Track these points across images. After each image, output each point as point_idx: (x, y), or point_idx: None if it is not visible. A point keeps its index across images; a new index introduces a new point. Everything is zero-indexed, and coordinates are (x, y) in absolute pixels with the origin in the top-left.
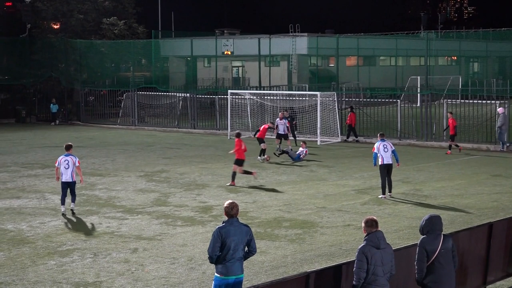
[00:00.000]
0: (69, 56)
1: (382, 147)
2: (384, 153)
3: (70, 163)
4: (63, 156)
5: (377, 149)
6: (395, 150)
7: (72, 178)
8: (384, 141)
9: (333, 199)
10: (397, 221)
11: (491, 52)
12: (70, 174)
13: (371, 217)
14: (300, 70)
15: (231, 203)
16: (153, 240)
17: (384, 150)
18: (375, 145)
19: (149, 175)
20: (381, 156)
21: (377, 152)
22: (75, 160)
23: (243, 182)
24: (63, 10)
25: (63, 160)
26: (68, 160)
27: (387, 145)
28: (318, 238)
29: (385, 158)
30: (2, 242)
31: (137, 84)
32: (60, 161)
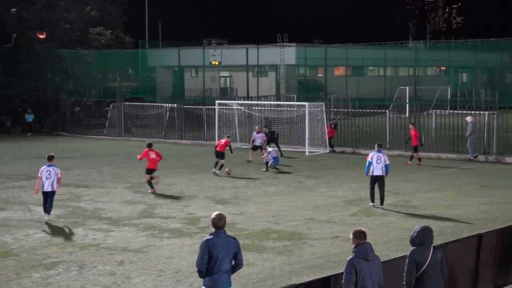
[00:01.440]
0: (55, 66)
1: (376, 158)
2: (376, 164)
3: (52, 174)
4: (45, 166)
5: (371, 158)
6: (389, 164)
7: (52, 188)
8: (380, 153)
9: (321, 210)
10: (386, 233)
11: (480, 62)
12: (51, 184)
13: (360, 229)
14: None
15: (218, 214)
16: (140, 252)
17: (377, 161)
18: (369, 154)
19: (135, 186)
20: (372, 166)
21: (370, 161)
22: (57, 171)
23: (231, 193)
24: (49, 20)
25: (45, 170)
26: (50, 171)
27: (381, 157)
28: (307, 249)
29: (375, 170)
30: None
31: (123, 94)
32: (42, 171)
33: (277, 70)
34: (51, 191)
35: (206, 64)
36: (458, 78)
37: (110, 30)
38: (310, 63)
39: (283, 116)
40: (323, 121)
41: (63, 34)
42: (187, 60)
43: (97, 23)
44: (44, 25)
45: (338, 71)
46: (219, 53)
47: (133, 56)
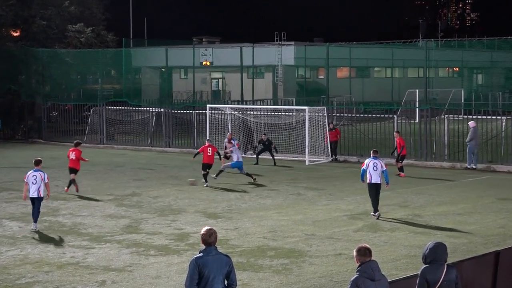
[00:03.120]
0: (30, 66)
1: (372, 165)
2: (373, 171)
3: (38, 179)
4: (32, 171)
5: (366, 166)
6: (387, 170)
7: (38, 194)
8: (376, 159)
9: (323, 225)
10: (393, 250)
11: (497, 62)
12: (37, 190)
13: (364, 245)
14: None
15: (208, 229)
16: (123, 271)
17: (374, 168)
18: (365, 161)
19: (118, 199)
20: (369, 174)
21: (365, 168)
22: (44, 176)
23: (224, 206)
24: (24, 16)
25: (31, 175)
26: (36, 176)
27: (377, 164)
28: (307, 268)
29: (373, 177)
30: None
31: (105, 97)
32: (28, 176)
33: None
34: (37, 197)
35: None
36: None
37: (91, 27)
38: (310, 63)
39: (281, 122)
40: (324, 127)
41: (39, 32)
42: (176, 60)
43: (76, 20)
44: (18, 22)
45: (341, 72)
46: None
47: (116, 55)
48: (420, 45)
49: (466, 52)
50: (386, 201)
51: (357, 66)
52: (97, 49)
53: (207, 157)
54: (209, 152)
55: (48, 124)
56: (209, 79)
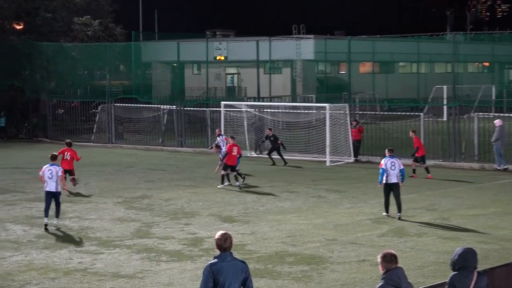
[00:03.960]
0: (35, 61)
1: (390, 164)
2: (391, 171)
3: (54, 173)
4: (48, 165)
5: (384, 165)
6: (404, 169)
7: (56, 188)
8: (393, 158)
9: (345, 230)
10: (420, 256)
11: None
12: (55, 185)
13: (390, 251)
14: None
15: (223, 234)
16: (134, 278)
17: (392, 167)
18: (382, 161)
19: (128, 201)
20: (386, 173)
21: (384, 168)
22: (58, 170)
23: (240, 209)
24: (27, 8)
25: (47, 169)
26: (52, 170)
27: (395, 162)
28: (328, 276)
29: (390, 177)
30: None
31: (114, 94)
32: (44, 171)
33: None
34: (55, 191)
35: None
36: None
37: (98, 20)
38: (331, 58)
39: (300, 120)
40: (346, 125)
41: (43, 25)
42: (188, 54)
43: (83, 12)
44: (21, 14)
45: (364, 67)
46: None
47: (125, 50)
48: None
49: (497, 45)
50: (412, 204)
51: (381, 61)
52: (105, 43)
53: (232, 158)
54: (234, 152)
55: (54, 122)
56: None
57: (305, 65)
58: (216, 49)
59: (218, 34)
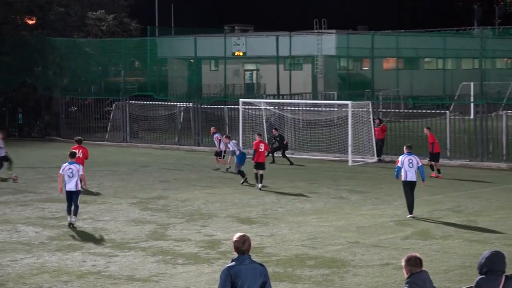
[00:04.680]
0: (47, 57)
1: (407, 161)
2: (409, 168)
3: (74, 172)
4: (67, 164)
5: (401, 163)
6: (422, 166)
7: (76, 187)
8: (411, 155)
9: (368, 232)
10: (446, 260)
11: None
12: (74, 184)
13: (414, 255)
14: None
15: (241, 236)
16: (149, 281)
17: (409, 165)
18: (399, 158)
19: (143, 202)
20: (404, 171)
21: (400, 166)
22: (79, 168)
23: (258, 210)
24: (40, 2)
25: (67, 168)
26: (72, 169)
27: (413, 160)
28: (350, 279)
29: (409, 174)
30: None
31: (129, 91)
32: (64, 169)
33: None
34: (75, 190)
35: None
36: None
37: (112, 15)
38: (353, 53)
39: (321, 118)
40: (369, 124)
41: (56, 20)
42: (206, 50)
43: (97, 6)
44: (33, 9)
45: (388, 63)
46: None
47: (140, 45)
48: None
49: None
50: (438, 205)
51: (405, 57)
52: (119, 38)
53: (260, 155)
54: (260, 149)
55: (67, 120)
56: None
57: (327, 61)
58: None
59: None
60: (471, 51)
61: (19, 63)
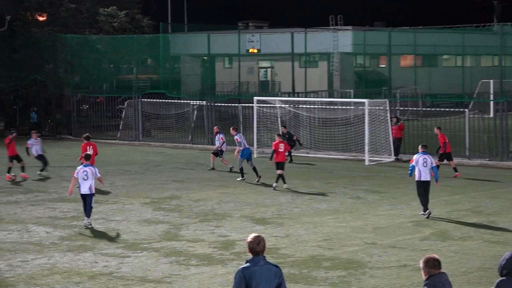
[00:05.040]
0: (58, 54)
1: (422, 161)
2: (423, 168)
3: (89, 174)
4: (82, 166)
5: (415, 162)
6: (436, 167)
7: (90, 190)
8: (426, 154)
9: (385, 233)
10: (465, 261)
11: None
12: (88, 187)
13: (433, 256)
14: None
15: (256, 237)
16: (161, 283)
17: (424, 164)
18: (414, 157)
19: (156, 202)
20: (418, 170)
21: (414, 164)
22: (95, 171)
23: (273, 211)
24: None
25: (81, 171)
26: (87, 171)
27: (427, 159)
28: (367, 281)
29: (423, 174)
30: None
31: (141, 89)
32: (78, 172)
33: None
34: (88, 193)
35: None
36: None
37: (124, 11)
38: (370, 50)
39: (337, 117)
40: (386, 122)
41: (67, 16)
42: (219, 47)
43: (108, 3)
44: (44, 5)
45: (405, 60)
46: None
47: (152, 42)
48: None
49: None
50: (457, 206)
51: (423, 54)
52: (131, 35)
53: (280, 155)
54: (280, 148)
55: (78, 119)
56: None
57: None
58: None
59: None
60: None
61: (29, 61)
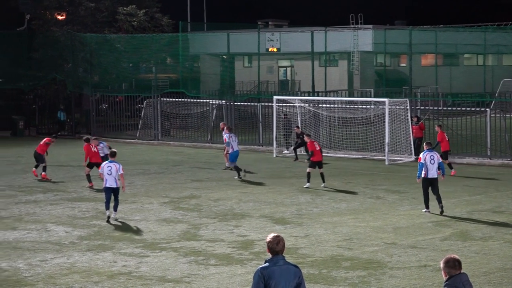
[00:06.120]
0: (77, 54)
1: (429, 158)
2: (431, 165)
3: (113, 170)
4: (107, 162)
5: (423, 160)
6: (442, 162)
7: (116, 183)
8: (432, 152)
9: (405, 233)
10: (486, 262)
11: None
12: (114, 180)
13: (453, 256)
14: (363, 71)
15: (275, 236)
16: (180, 283)
17: (431, 161)
18: (421, 155)
19: (175, 201)
20: (426, 168)
21: (423, 163)
22: (119, 167)
23: (293, 210)
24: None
25: (106, 166)
26: (111, 167)
27: (434, 156)
28: (387, 282)
29: (430, 171)
30: None
31: (160, 88)
32: (103, 168)
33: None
34: (115, 187)
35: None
36: None
37: (144, 10)
38: (390, 49)
39: (357, 116)
40: (407, 122)
41: (86, 15)
42: (239, 46)
43: (127, 1)
44: (63, 4)
45: (426, 59)
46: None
47: (172, 41)
48: None
49: None
50: (478, 206)
51: (444, 53)
52: (151, 34)
53: (317, 153)
54: (317, 147)
55: (97, 118)
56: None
57: (363, 57)
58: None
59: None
60: None
61: (48, 60)
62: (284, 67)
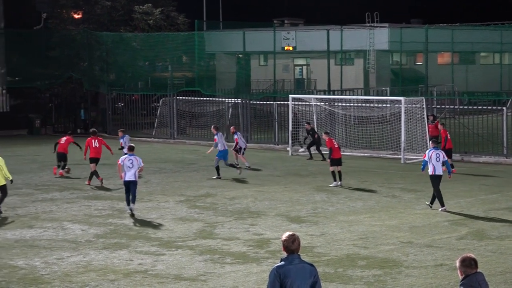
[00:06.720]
0: (93, 52)
1: (435, 156)
2: (436, 163)
3: (135, 163)
4: (127, 155)
5: (428, 157)
6: (447, 160)
7: (134, 177)
8: (437, 149)
9: (421, 232)
10: (503, 261)
11: None
12: (134, 173)
13: (469, 255)
14: (379, 70)
15: (291, 235)
16: (196, 281)
17: (436, 159)
18: (426, 152)
19: (191, 200)
20: (432, 165)
21: (427, 160)
22: (140, 161)
23: (308, 209)
24: None
25: (127, 159)
26: (133, 160)
27: (439, 154)
28: (403, 280)
29: (437, 168)
30: (10, 282)
31: (176, 87)
32: (124, 161)
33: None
34: (133, 180)
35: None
36: None
37: (160, 9)
38: (407, 48)
39: (373, 115)
40: (423, 120)
41: (102, 14)
42: (254, 45)
43: (144, 0)
44: (80, 3)
45: (442, 58)
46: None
47: (188, 40)
48: None
49: None
50: (494, 204)
51: (461, 51)
52: (167, 33)
53: (336, 151)
54: (335, 145)
55: (113, 117)
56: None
57: (379, 55)
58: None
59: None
60: None
61: (65, 58)
62: (300, 66)
